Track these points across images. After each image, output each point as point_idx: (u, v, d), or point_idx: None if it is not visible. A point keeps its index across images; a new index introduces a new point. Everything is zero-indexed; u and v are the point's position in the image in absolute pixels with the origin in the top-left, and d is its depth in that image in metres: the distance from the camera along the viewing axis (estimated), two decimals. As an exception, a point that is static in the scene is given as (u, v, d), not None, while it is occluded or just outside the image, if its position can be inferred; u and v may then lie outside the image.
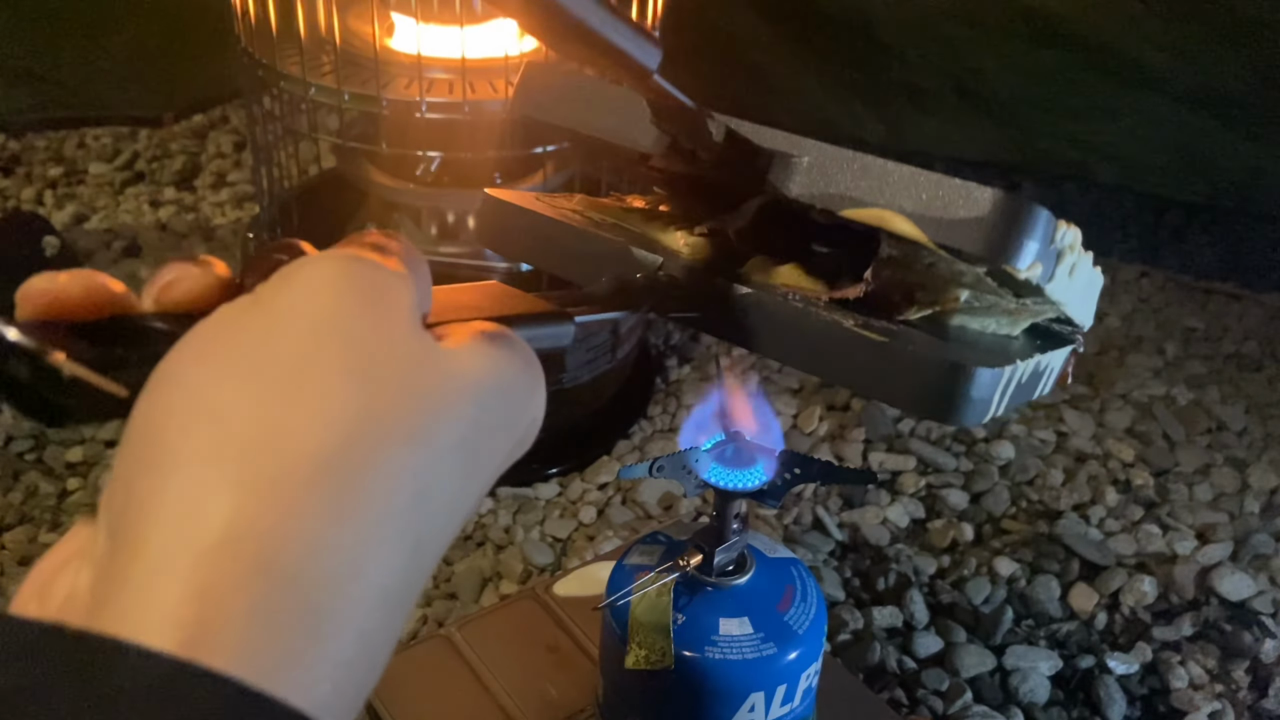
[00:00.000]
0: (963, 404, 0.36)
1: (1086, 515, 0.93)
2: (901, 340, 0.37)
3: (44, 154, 1.44)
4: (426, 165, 0.89)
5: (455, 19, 0.80)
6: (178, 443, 0.23)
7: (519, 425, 0.28)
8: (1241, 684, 0.78)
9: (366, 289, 0.25)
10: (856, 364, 0.38)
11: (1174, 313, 1.23)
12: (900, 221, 0.38)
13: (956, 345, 0.40)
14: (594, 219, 0.47)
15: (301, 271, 0.25)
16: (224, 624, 0.21)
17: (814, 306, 0.40)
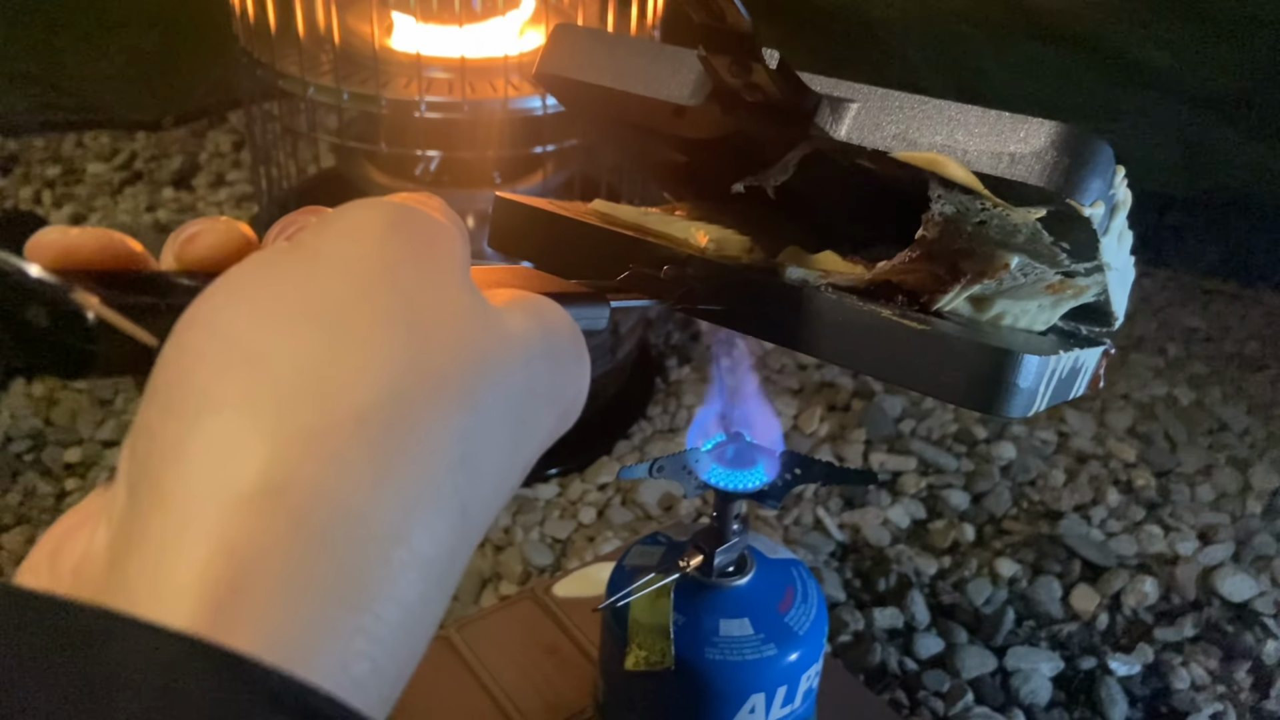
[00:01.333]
0: (1009, 393, 0.35)
1: (1088, 516, 0.93)
2: (944, 328, 0.36)
3: (42, 153, 1.44)
4: (426, 165, 0.89)
5: (454, 18, 0.80)
6: (210, 386, 0.21)
7: (565, 398, 0.27)
8: (1243, 685, 0.78)
9: (417, 237, 0.24)
10: (896, 354, 0.36)
11: (1175, 312, 1.23)
12: (953, 166, 0.36)
13: (996, 335, 0.38)
14: (611, 221, 0.46)
15: (347, 215, 0.24)
16: (254, 587, 0.19)
17: (850, 296, 0.38)
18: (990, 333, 0.39)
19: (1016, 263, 0.39)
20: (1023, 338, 0.39)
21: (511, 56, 0.81)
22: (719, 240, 0.44)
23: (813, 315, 0.39)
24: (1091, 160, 0.35)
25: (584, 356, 0.28)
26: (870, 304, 0.38)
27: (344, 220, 0.24)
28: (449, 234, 0.25)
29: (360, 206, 0.24)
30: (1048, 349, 0.37)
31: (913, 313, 0.38)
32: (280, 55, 0.81)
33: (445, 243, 0.25)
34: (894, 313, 0.37)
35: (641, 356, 1.07)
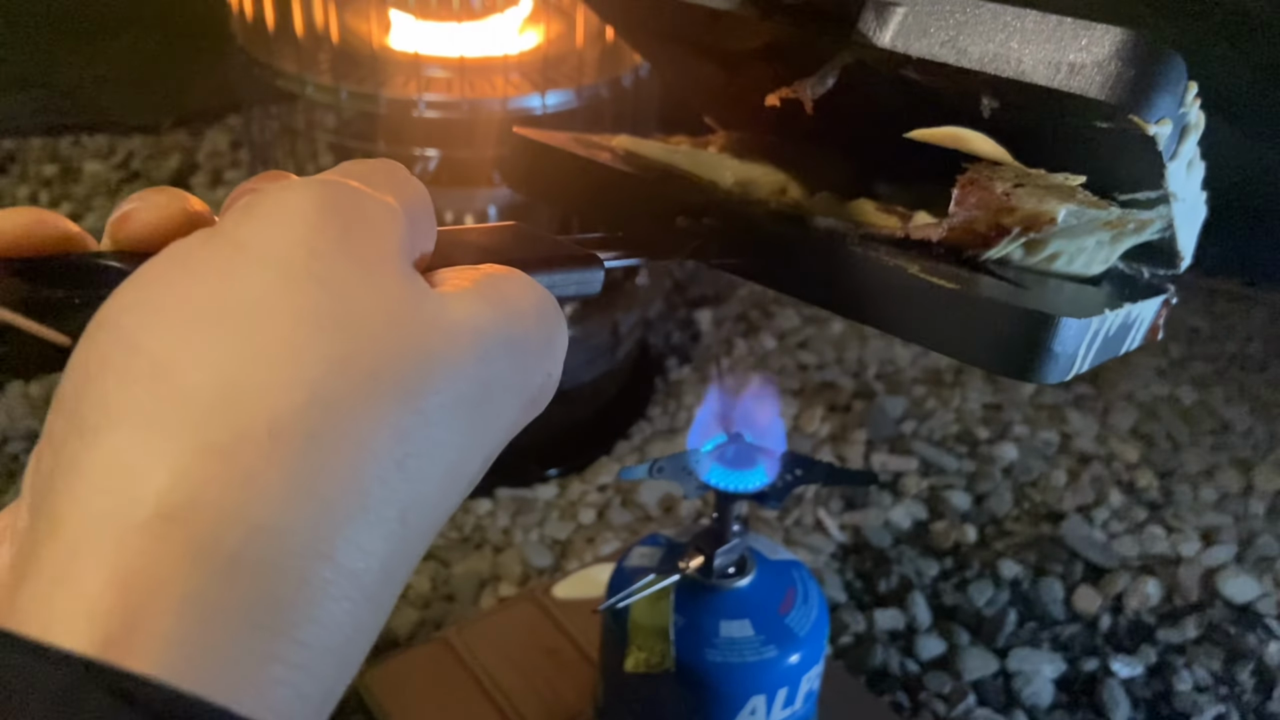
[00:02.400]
0: (1044, 358, 0.33)
1: (1090, 517, 0.92)
2: (976, 287, 0.34)
3: (39, 152, 1.44)
4: (425, 164, 0.88)
5: (453, 16, 0.79)
6: (112, 399, 0.19)
7: (531, 384, 0.25)
8: (1246, 687, 0.78)
9: (347, 221, 0.22)
10: (924, 315, 0.34)
11: (1178, 312, 1.22)
12: (978, 141, 0.34)
13: (1038, 292, 0.36)
14: (633, 158, 0.45)
15: (269, 199, 0.22)
16: (149, 620, 0.17)
17: (880, 250, 0.36)
18: (1032, 289, 0.36)
19: (1064, 215, 0.36)
20: (1067, 294, 0.37)
21: (511, 55, 0.81)
22: (747, 182, 0.42)
23: (837, 270, 0.36)
24: (1160, 73, 0.31)
25: (555, 338, 0.26)
26: (900, 258, 0.35)
27: (268, 205, 0.22)
28: (385, 215, 0.23)
29: (287, 188, 0.22)
30: (1091, 308, 0.34)
31: (947, 267, 0.36)
32: (278, 54, 0.81)
33: (380, 225, 0.23)
34: (922, 269, 0.34)
35: (641, 356, 1.07)
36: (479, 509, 0.89)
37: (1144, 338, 0.40)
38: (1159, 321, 0.42)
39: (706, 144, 0.48)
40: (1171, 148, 0.34)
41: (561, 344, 0.26)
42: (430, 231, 0.26)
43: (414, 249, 0.24)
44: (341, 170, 0.24)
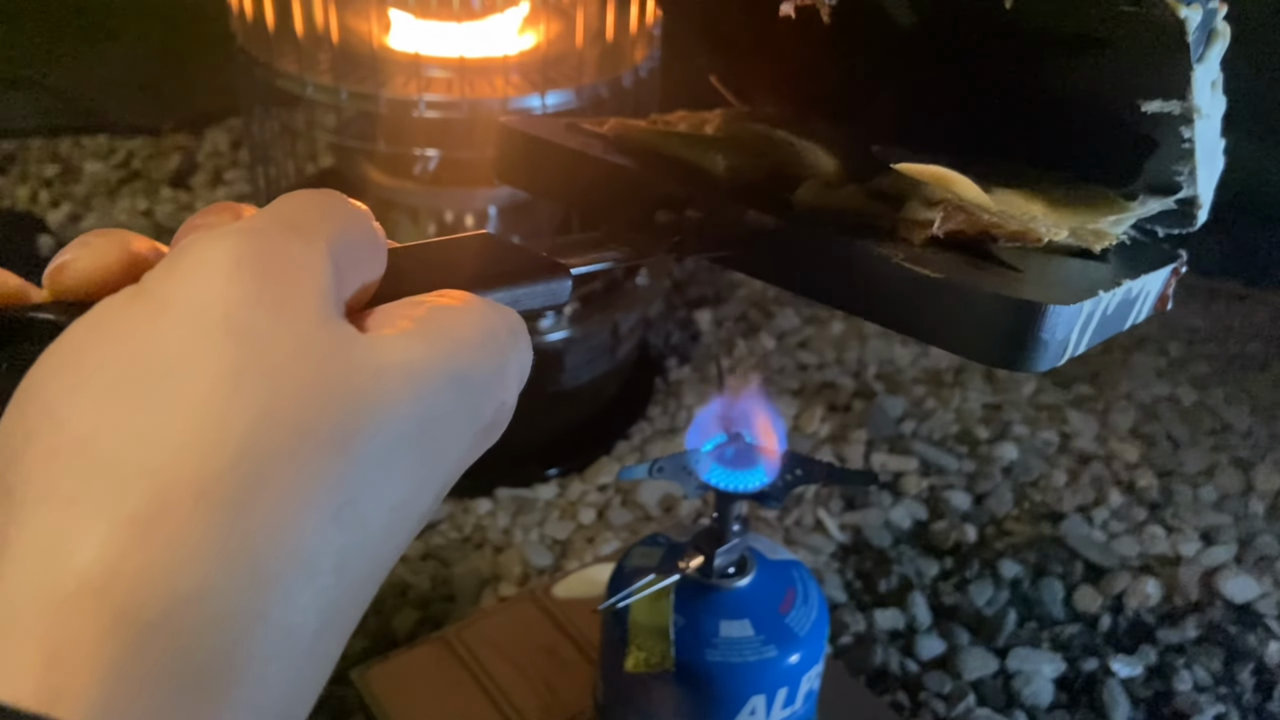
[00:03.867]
0: (1034, 347, 0.32)
1: (1090, 517, 0.92)
2: (961, 275, 0.33)
3: (39, 153, 1.44)
4: (424, 164, 0.88)
5: (453, 16, 0.79)
6: (38, 476, 0.19)
7: (482, 413, 0.25)
8: (1246, 686, 0.78)
9: (266, 272, 0.22)
10: (910, 306, 0.34)
11: (1178, 312, 1.23)
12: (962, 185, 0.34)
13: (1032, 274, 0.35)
14: (625, 144, 0.45)
15: (189, 255, 0.22)
16: (78, 691, 0.17)
17: (865, 238, 0.35)
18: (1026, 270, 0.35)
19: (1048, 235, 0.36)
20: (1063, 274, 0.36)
21: (511, 55, 0.81)
22: (737, 168, 0.42)
23: (822, 260, 0.36)
24: None
25: (507, 365, 0.25)
26: (884, 247, 0.35)
27: (185, 260, 0.22)
28: (308, 261, 0.22)
29: (204, 241, 0.22)
30: (1085, 290, 0.34)
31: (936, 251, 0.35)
32: (278, 54, 0.81)
33: (301, 273, 0.22)
34: (907, 256, 0.34)
35: (641, 356, 1.07)
36: (479, 509, 0.89)
37: (1152, 309, 0.40)
38: (1168, 291, 0.41)
39: (704, 121, 0.48)
40: (1199, 48, 0.33)
41: (518, 369, 0.26)
42: (375, 258, 0.25)
43: (346, 287, 0.24)
44: (273, 210, 0.24)
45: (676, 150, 0.44)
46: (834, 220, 0.38)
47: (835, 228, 0.37)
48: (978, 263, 0.36)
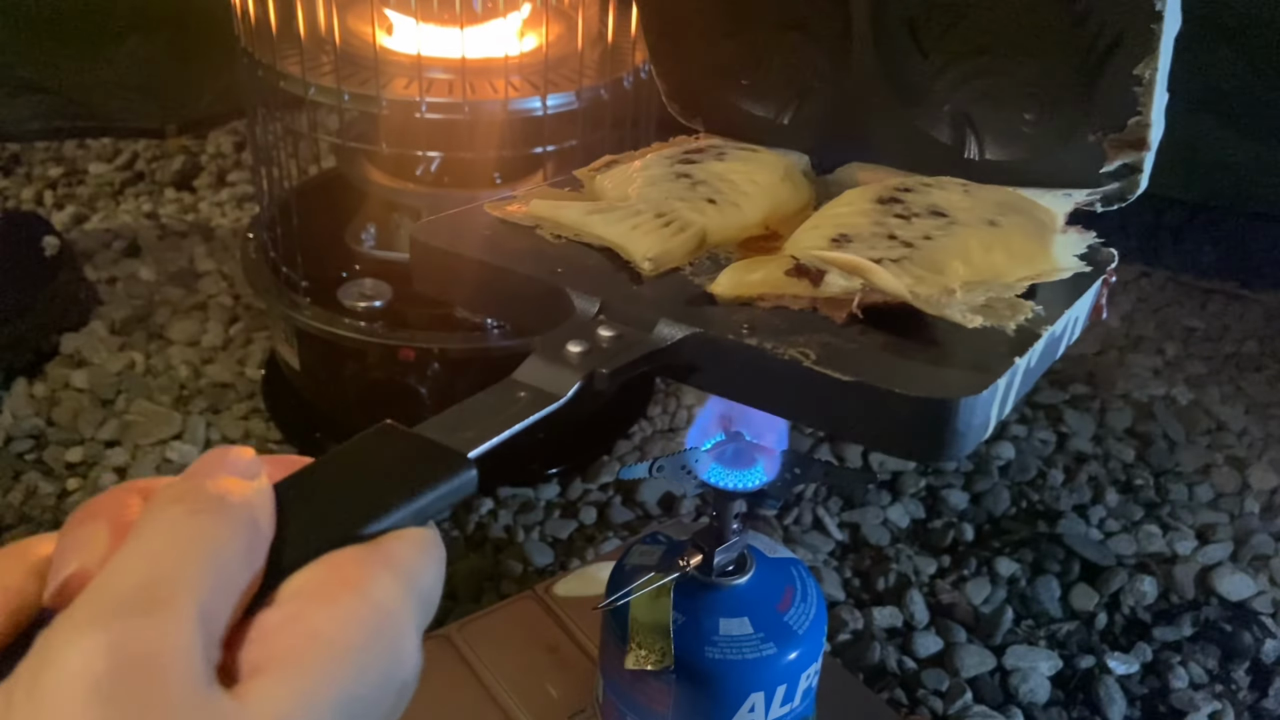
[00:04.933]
0: (953, 441, 0.33)
1: (1087, 515, 0.93)
2: (876, 371, 0.34)
3: (44, 154, 1.44)
4: (426, 165, 0.89)
5: (455, 19, 0.80)
6: None
7: (383, 704, 0.24)
8: (1241, 684, 0.78)
9: (127, 688, 0.21)
10: (828, 408, 0.34)
11: (1174, 312, 1.23)
12: (880, 276, 0.35)
13: (950, 352, 0.35)
14: (550, 223, 0.45)
15: (50, 670, 0.21)
16: None
17: (773, 339, 0.36)
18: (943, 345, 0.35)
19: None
20: (981, 339, 0.36)
21: (512, 57, 0.81)
22: (662, 253, 0.43)
23: (738, 367, 0.37)
24: None
25: (404, 640, 0.25)
26: (798, 343, 0.35)
27: (46, 677, 0.21)
28: (173, 646, 0.22)
29: (66, 653, 0.21)
30: (999, 362, 0.34)
31: (853, 338, 0.36)
32: (281, 56, 0.81)
33: (168, 669, 0.22)
34: (818, 356, 0.34)
35: (641, 356, 1.07)
36: (481, 508, 0.90)
37: (1087, 322, 0.40)
38: (1101, 302, 0.42)
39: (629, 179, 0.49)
40: None
41: (418, 627, 0.26)
42: (254, 558, 0.25)
43: (224, 608, 0.24)
44: (137, 564, 0.23)
45: (600, 230, 0.44)
46: (754, 308, 0.39)
47: (749, 327, 0.37)
48: (898, 344, 0.36)
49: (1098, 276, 0.42)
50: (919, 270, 0.39)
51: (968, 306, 0.36)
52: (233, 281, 1.18)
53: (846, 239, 0.41)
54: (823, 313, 0.38)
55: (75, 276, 1.13)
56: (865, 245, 0.41)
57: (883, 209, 0.44)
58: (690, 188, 0.47)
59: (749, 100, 0.56)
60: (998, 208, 0.44)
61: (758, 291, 0.39)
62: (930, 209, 0.44)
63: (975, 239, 0.41)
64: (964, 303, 0.37)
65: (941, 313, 0.36)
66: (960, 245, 0.41)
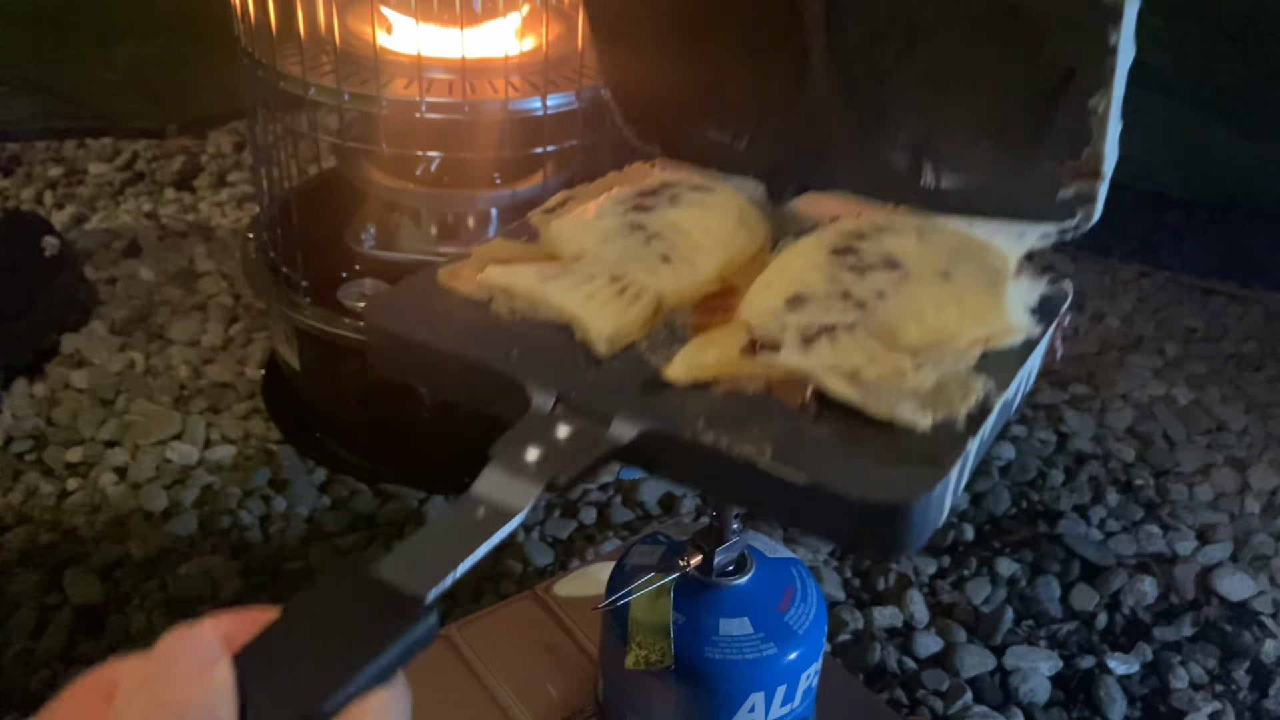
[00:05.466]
0: (908, 535, 0.33)
1: (1087, 515, 0.93)
2: (830, 469, 0.34)
3: (44, 154, 1.44)
4: (426, 165, 0.89)
5: (454, 20, 0.80)
6: None
7: None
8: (1242, 684, 0.78)
9: None
10: (785, 506, 0.35)
11: (1174, 312, 1.23)
12: (832, 380, 0.36)
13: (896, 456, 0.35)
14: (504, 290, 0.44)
15: None
16: None
17: (730, 434, 0.36)
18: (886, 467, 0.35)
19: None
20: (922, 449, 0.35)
21: (512, 57, 0.81)
22: (617, 331, 0.42)
23: (695, 463, 0.37)
24: None
25: None
26: (752, 437, 0.35)
27: None
28: None
29: None
30: (950, 452, 0.34)
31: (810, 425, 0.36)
32: (281, 55, 0.81)
33: None
34: (774, 451, 0.35)
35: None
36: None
37: (1041, 366, 0.41)
38: (1055, 344, 0.42)
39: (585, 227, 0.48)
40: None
41: None
42: None
43: None
44: None
45: (556, 300, 0.44)
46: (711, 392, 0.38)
47: (705, 419, 0.37)
48: (854, 432, 0.36)
49: (1050, 323, 0.42)
50: (870, 342, 0.39)
51: (918, 402, 0.36)
52: (233, 281, 1.18)
53: (801, 300, 0.41)
54: (777, 396, 0.38)
55: (75, 276, 1.13)
56: (820, 307, 0.41)
57: (837, 261, 0.44)
58: (644, 244, 0.47)
59: (706, 125, 0.55)
60: (951, 256, 0.44)
61: (712, 374, 0.39)
62: (884, 259, 0.44)
63: (928, 295, 0.42)
64: (916, 386, 0.37)
65: (892, 414, 0.36)
66: (913, 304, 0.41)
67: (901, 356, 0.38)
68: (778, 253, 0.49)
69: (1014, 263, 0.45)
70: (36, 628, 0.77)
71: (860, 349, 0.39)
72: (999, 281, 0.43)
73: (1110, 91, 0.41)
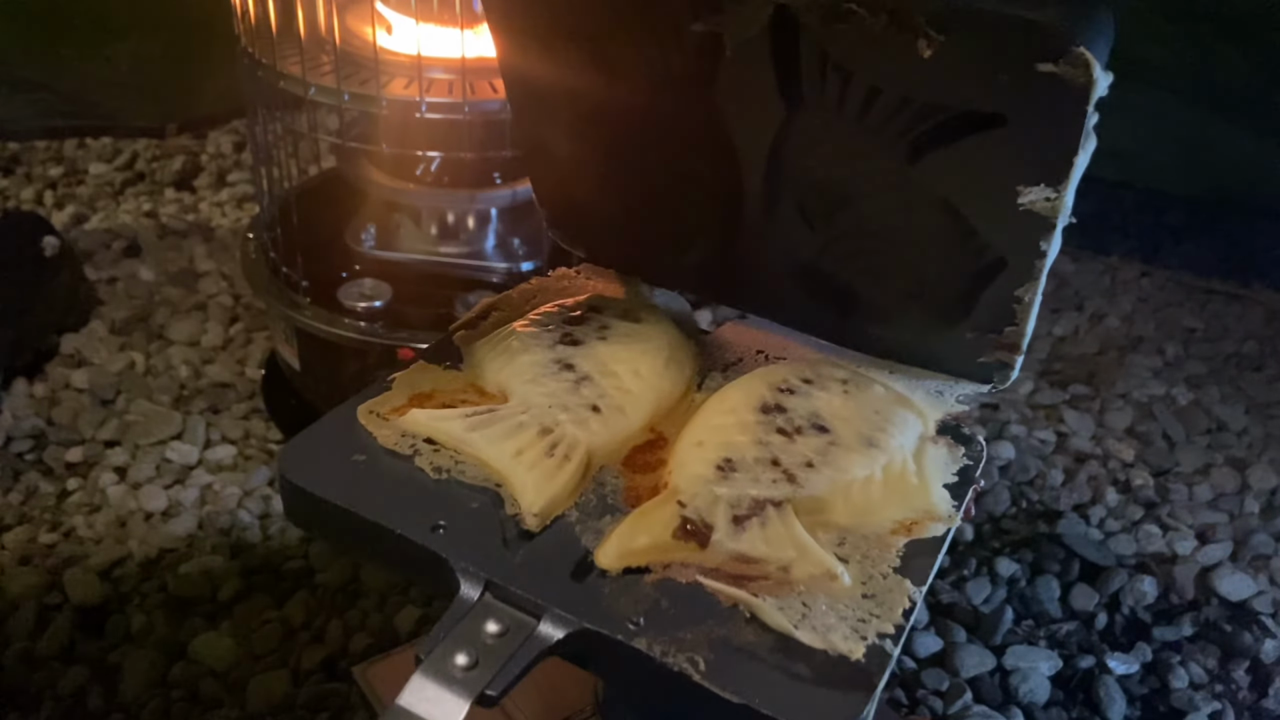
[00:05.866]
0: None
1: (1086, 515, 0.93)
2: (759, 694, 0.34)
3: (44, 154, 1.44)
4: (426, 165, 0.89)
5: (455, 20, 0.80)
6: None
7: None
8: (1241, 684, 0.78)
9: None
10: (715, 715, 0.35)
11: (1174, 313, 1.23)
12: (768, 612, 0.37)
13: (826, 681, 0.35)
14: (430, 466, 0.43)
15: None
16: None
17: (664, 639, 0.36)
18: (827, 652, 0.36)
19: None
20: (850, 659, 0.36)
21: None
22: (548, 504, 0.41)
23: (627, 663, 0.36)
24: (1106, 23, 0.32)
25: None
26: (684, 649, 0.35)
27: None
28: None
29: None
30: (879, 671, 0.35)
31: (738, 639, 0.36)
32: (281, 56, 0.81)
33: None
34: (705, 669, 0.35)
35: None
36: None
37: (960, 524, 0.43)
38: (969, 506, 0.43)
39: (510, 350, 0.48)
40: (1089, 130, 0.34)
41: None
42: None
43: None
44: None
45: (483, 458, 0.43)
46: (642, 584, 0.38)
47: (637, 619, 0.36)
48: (788, 642, 0.36)
49: (966, 495, 0.43)
50: (797, 529, 0.40)
51: (849, 627, 0.37)
52: (233, 281, 1.18)
53: (730, 465, 0.42)
54: (709, 589, 0.38)
55: (75, 276, 1.13)
56: (749, 477, 0.42)
57: (766, 422, 0.45)
58: (574, 388, 0.46)
59: (633, 240, 0.55)
60: (876, 420, 0.46)
61: (644, 561, 0.39)
62: (812, 419, 0.45)
63: (856, 466, 0.43)
64: (848, 600, 0.38)
65: (826, 644, 0.36)
66: (840, 479, 0.42)
67: (828, 556, 0.39)
68: (704, 392, 0.49)
69: (933, 424, 0.47)
70: (36, 628, 0.77)
71: (790, 539, 0.40)
72: (921, 446, 0.45)
73: (1038, 285, 0.42)
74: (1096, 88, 0.33)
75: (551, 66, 0.49)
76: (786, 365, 0.50)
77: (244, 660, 0.75)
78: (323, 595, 0.80)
